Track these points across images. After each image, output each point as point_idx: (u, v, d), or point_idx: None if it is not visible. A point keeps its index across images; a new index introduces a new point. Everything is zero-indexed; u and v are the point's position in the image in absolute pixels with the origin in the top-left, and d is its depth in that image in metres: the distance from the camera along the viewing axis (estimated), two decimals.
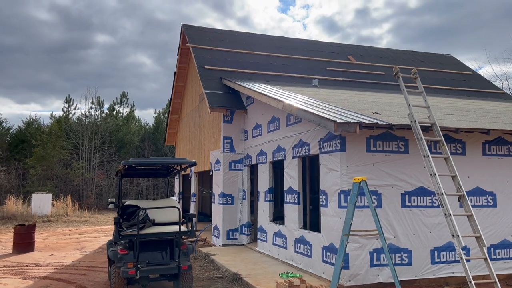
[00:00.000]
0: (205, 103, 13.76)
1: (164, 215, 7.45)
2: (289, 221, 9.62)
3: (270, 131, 10.96)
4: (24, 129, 37.44)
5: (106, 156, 34.45)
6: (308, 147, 8.78)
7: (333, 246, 7.68)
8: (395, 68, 7.57)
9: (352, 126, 6.87)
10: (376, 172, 7.58)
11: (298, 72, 15.82)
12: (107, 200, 30.65)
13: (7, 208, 22.54)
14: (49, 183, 30.92)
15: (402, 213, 7.71)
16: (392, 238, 7.54)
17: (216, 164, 13.53)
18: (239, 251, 11.46)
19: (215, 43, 16.32)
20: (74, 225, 20.48)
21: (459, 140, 8.21)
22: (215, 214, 13.41)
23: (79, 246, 13.68)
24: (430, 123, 7.19)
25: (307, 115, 7.90)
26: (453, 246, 7.88)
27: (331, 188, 7.71)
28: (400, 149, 7.81)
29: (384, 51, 20.34)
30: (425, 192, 7.87)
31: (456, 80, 18.62)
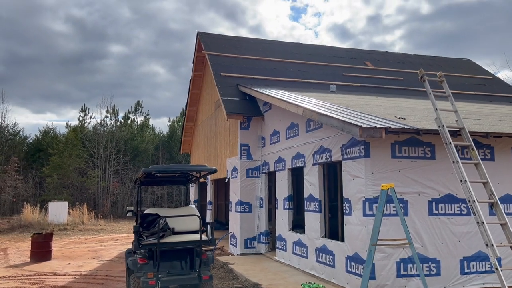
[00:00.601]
0: (221, 110, 13.65)
1: (184, 224, 7.30)
2: (309, 230, 9.37)
3: (289, 137, 10.77)
4: (41, 138, 37.89)
5: (121, 164, 34.60)
6: (329, 154, 8.56)
7: (357, 255, 7.42)
8: (421, 71, 7.33)
9: (378, 131, 6.64)
10: (402, 178, 7.32)
11: (315, 78, 15.64)
12: (123, 209, 30.89)
13: (24, 216, 22.68)
14: (65, 191, 31.13)
15: (429, 221, 7.42)
16: (420, 247, 7.25)
17: (232, 171, 13.36)
18: (257, 260, 11.24)
19: (230, 50, 16.25)
20: (90, 234, 20.48)
21: (488, 145, 7.91)
22: (233, 222, 13.22)
23: (96, 255, 13.61)
24: (459, 127, 6.93)
25: (329, 121, 7.69)
26: (483, 256, 7.57)
27: (355, 196, 7.47)
28: (426, 155, 7.54)
29: (401, 56, 20.05)
30: (453, 199, 7.58)
31: (477, 84, 18.22)
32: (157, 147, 39.20)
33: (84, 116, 39.25)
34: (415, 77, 17.50)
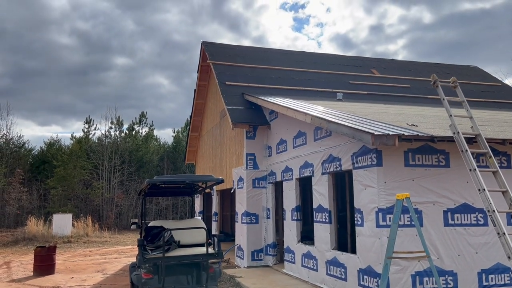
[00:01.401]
0: (227, 119, 13.46)
1: (190, 236, 7.06)
2: (319, 242, 9.08)
3: (296, 146, 10.53)
4: (46, 150, 37.85)
5: (125, 175, 34.43)
6: (339, 162, 8.31)
7: (370, 268, 7.13)
8: (433, 77, 7.10)
9: (391, 138, 6.40)
10: (416, 188, 7.04)
11: (320, 86, 15.45)
12: (127, 220, 30.62)
13: (29, 229, 22.46)
14: (70, 203, 30.95)
15: (445, 232, 7.12)
16: (436, 259, 6.94)
17: (238, 181, 13.12)
18: (265, 273, 10.93)
19: (235, 59, 16.12)
20: (94, 246, 20.22)
21: (504, 152, 7.64)
22: (239, 234, 12.94)
23: (100, 268, 13.34)
24: (474, 134, 6.67)
25: (339, 128, 7.46)
26: (502, 268, 7.25)
27: (368, 206, 7.20)
28: (440, 163, 7.27)
29: (407, 64, 19.85)
30: (469, 209, 7.29)
31: (485, 91, 17.95)
32: (161, 158, 39.03)
33: (89, 127, 39.23)
34: (422, 85, 17.34)
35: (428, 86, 16.82)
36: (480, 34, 68.79)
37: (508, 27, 62.86)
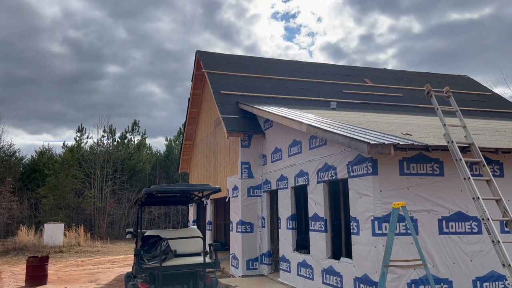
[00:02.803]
0: (221, 128, 13.50)
1: (186, 246, 7.05)
2: (315, 250, 9.10)
3: (291, 155, 10.58)
4: (37, 159, 37.49)
5: (118, 184, 34.19)
6: (334, 171, 8.37)
7: (367, 277, 7.16)
8: (427, 86, 7.20)
9: (386, 147, 6.47)
10: (411, 196, 7.12)
11: (314, 95, 15.57)
12: (120, 229, 30.33)
13: (19, 239, 22.16)
14: (61, 212, 30.61)
15: (440, 240, 7.19)
16: (431, 267, 6.99)
17: (233, 190, 13.12)
18: (260, 282, 10.90)
19: (229, 68, 16.20)
20: (86, 256, 20.00)
21: (496, 161, 7.76)
22: (234, 242, 12.91)
23: (93, 278, 13.19)
24: (468, 143, 6.76)
25: (335, 137, 7.53)
26: (496, 276, 7.32)
27: (363, 215, 7.25)
28: (435, 172, 7.36)
29: (399, 73, 20.09)
30: (463, 217, 7.37)
31: (476, 100, 18.21)
32: (154, 167, 38.84)
33: (81, 136, 39.00)
34: (414, 94, 17.55)
35: (420, 95, 17.07)
36: (468, 44, 69.88)
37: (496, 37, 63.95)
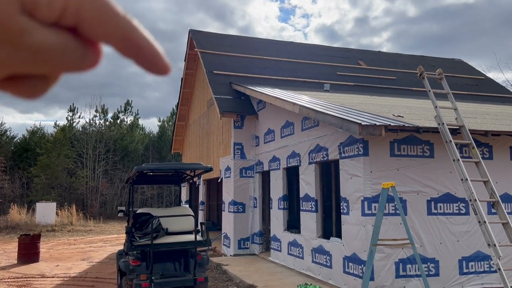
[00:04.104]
0: (214, 108, 13.45)
1: (178, 224, 7.09)
2: (305, 230, 9.22)
3: (284, 136, 10.60)
4: (28, 138, 37.20)
5: (110, 164, 34.12)
6: (326, 152, 8.42)
7: (355, 256, 7.28)
8: (420, 68, 7.21)
9: (378, 128, 6.51)
10: (401, 177, 7.20)
11: (308, 76, 15.51)
12: (112, 209, 30.41)
13: (11, 217, 22.18)
14: (53, 192, 30.58)
15: (428, 221, 7.31)
16: (419, 247, 7.12)
17: (226, 171, 13.16)
18: (251, 261, 11.05)
19: (223, 48, 16.04)
20: (79, 235, 20.09)
21: (486, 144, 7.83)
22: (226, 222, 13.02)
23: (85, 256, 13.29)
24: (459, 125, 6.82)
25: (327, 118, 7.54)
26: (482, 256, 7.48)
27: (353, 195, 7.33)
28: (425, 153, 7.43)
29: (393, 56, 20.04)
30: (451, 198, 7.48)
31: (469, 84, 18.27)
32: (147, 147, 38.76)
33: (73, 115, 38.64)
34: (407, 77, 17.55)
35: (413, 78, 17.07)
36: (463, 28, 69.79)
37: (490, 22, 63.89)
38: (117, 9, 0.32)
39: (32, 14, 0.29)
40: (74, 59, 0.31)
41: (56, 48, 0.30)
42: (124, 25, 0.32)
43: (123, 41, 0.32)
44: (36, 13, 0.29)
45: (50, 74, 0.32)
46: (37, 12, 0.29)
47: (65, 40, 0.30)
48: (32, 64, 0.30)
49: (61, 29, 0.30)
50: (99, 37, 0.32)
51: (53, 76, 0.33)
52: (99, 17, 0.31)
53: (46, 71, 0.32)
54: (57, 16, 0.30)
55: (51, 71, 0.32)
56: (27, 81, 0.32)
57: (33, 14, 0.29)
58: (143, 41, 0.33)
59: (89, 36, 0.32)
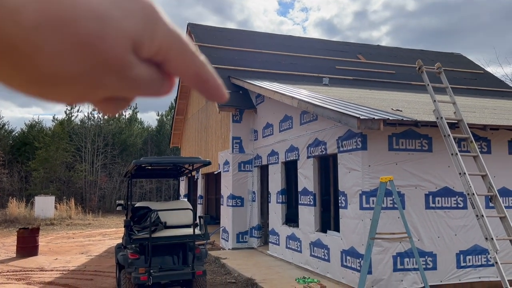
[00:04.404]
0: (213, 103, 13.40)
1: (176, 217, 7.09)
2: (303, 224, 9.24)
3: (282, 130, 10.60)
4: (27, 132, 37.15)
5: (109, 158, 34.12)
6: (324, 146, 8.42)
7: (353, 249, 7.30)
8: (418, 62, 7.19)
9: (376, 122, 6.50)
10: (399, 171, 7.20)
11: (307, 70, 15.48)
12: (111, 203, 30.44)
13: (10, 211, 22.19)
14: (52, 185, 30.59)
15: (426, 214, 7.33)
16: (416, 241, 7.14)
17: (224, 165, 13.16)
18: (250, 255, 11.08)
19: (222, 42, 15.98)
20: (77, 228, 20.12)
21: (484, 138, 7.84)
22: (224, 216, 13.04)
23: (84, 250, 13.32)
24: (457, 119, 6.81)
25: (325, 112, 7.53)
26: (479, 250, 7.51)
27: (352, 189, 7.33)
28: (423, 148, 7.43)
29: (393, 50, 20.00)
30: (449, 192, 7.49)
31: (468, 79, 18.25)
32: (145, 141, 38.76)
33: (71, 109, 38.52)
34: (406, 71, 17.52)
35: (412, 72, 17.04)
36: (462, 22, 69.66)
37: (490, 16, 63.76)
38: (193, 49, 0.38)
39: (137, 53, 0.35)
40: (155, 87, 0.38)
41: (146, 79, 0.37)
42: (197, 64, 0.39)
43: (195, 77, 0.39)
44: (139, 52, 0.35)
45: (131, 96, 0.39)
46: (140, 51, 0.35)
47: (153, 73, 0.37)
48: (125, 90, 0.37)
49: (151, 64, 0.37)
50: (177, 72, 0.39)
51: (133, 98, 0.40)
52: (181, 57, 0.38)
53: (131, 96, 0.39)
54: (152, 55, 0.36)
55: (135, 95, 0.39)
56: (114, 101, 0.39)
57: (137, 53, 0.35)
58: (210, 77, 0.40)
59: (169, 71, 0.38)
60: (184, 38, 0.38)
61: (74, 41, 0.32)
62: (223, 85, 0.41)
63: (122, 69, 0.35)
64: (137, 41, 0.35)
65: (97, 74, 0.34)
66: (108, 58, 0.34)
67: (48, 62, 0.32)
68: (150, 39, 0.36)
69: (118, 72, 0.35)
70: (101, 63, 0.34)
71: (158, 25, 0.36)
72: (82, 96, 0.36)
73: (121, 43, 0.34)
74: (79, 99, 0.36)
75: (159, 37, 0.36)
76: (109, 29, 0.33)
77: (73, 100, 0.36)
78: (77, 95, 0.35)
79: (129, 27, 0.34)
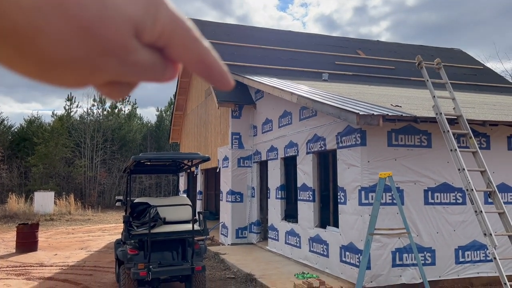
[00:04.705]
0: (212, 98, 13.40)
1: (175, 213, 7.10)
2: (303, 219, 9.25)
3: (282, 126, 10.59)
4: (26, 127, 37.09)
5: (108, 154, 34.11)
6: (323, 142, 8.41)
7: (352, 245, 7.32)
8: (418, 58, 7.17)
9: (375, 118, 6.49)
10: (399, 167, 7.20)
11: (306, 66, 15.44)
12: (110, 199, 30.46)
13: (9, 206, 22.21)
14: (51, 181, 30.60)
15: (425, 210, 7.34)
16: (415, 236, 7.16)
17: (224, 160, 13.16)
18: (249, 250, 11.11)
19: (221, 37, 15.92)
20: (77, 224, 20.15)
21: (484, 134, 7.84)
22: (223, 212, 13.06)
23: (83, 245, 13.34)
24: (456, 115, 6.80)
25: (325, 108, 7.52)
26: (478, 245, 7.53)
27: (351, 185, 7.34)
28: (422, 143, 7.43)
29: (393, 45, 19.95)
30: (448, 188, 7.50)
31: (467, 74, 18.22)
32: (144, 137, 38.74)
33: (70, 105, 38.48)
34: (406, 66, 17.48)
35: (412, 68, 17.00)
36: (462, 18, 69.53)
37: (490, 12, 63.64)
38: (197, 35, 0.38)
39: (139, 37, 0.35)
40: (157, 73, 0.38)
41: (148, 64, 0.37)
42: (201, 50, 0.38)
43: (199, 64, 0.39)
44: (141, 36, 0.35)
45: (135, 82, 0.40)
46: (142, 36, 0.35)
47: (155, 58, 0.37)
48: (128, 74, 0.37)
49: (154, 49, 0.37)
50: (180, 58, 0.38)
51: (136, 83, 0.40)
52: (184, 42, 0.37)
53: (134, 80, 0.39)
54: (155, 40, 0.36)
55: (137, 80, 0.39)
56: (118, 86, 0.39)
57: (140, 37, 0.35)
58: (214, 63, 0.39)
59: (172, 56, 0.38)
60: (187, 23, 0.38)
61: (76, 24, 0.32)
62: (228, 72, 0.41)
63: (124, 53, 0.35)
64: (139, 25, 0.35)
65: (98, 58, 0.34)
66: (109, 42, 0.34)
67: (49, 44, 0.32)
68: (152, 23, 0.35)
69: (120, 56, 0.35)
70: (102, 47, 0.34)
71: (160, 9, 0.36)
72: (84, 80, 0.36)
73: (122, 27, 0.34)
74: (81, 83, 0.36)
75: (161, 21, 0.36)
76: (110, 13, 0.33)
77: (75, 84, 0.36)
78: (78, 79, 0.35)
79: (131, 11, 0.34)
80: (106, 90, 0.39)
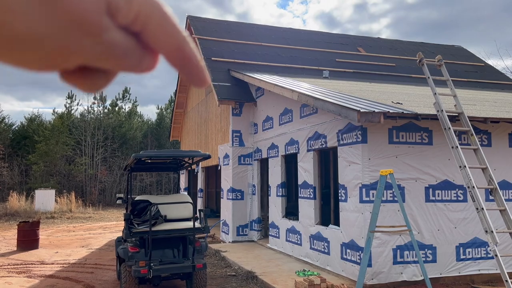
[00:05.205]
0: (212, 96, 13.37)
1: (176, 211, 7.10)
2: (303, 217, 9.25)
3: (282, 123, 10.57)
4: (27, 126, 37.09)
5: (109, 152, 34.12)
6: (324, 140, 8.40)
7: (353, 242, 7.31)
8: (419, 55, 7.15)
9: (376, 115, 6.47)
10: (400, 164, 7.19)
11: (307, 63, 15.41)
12: (111, 196, 30.47)
13: (10, 204, 22.23)
14: (52, 179, 30.61)
15: (426, 207, 7.33)
16: (416, 234, 7.16)
17: (224, 158, 13.15)
18: (250, 248, 11.11)
19: (221, 34, 15.89)
20: (78, 222, 20.17)
21: (485, 131, 7.82)
22: (224, 209, 13.06)
23: (84, 243, 13.35)
24: (457, 112, 6.78)
25: (325, 105, 7.50)
26: (479, 243, 7.52)
27: (352, 182, 7.33)
28: (424, 141, 7.42)
29: (393, 43, 19.89)
30: (449, 185, 7.49)
31: (468, 71, 18.18)
32: (145, 135, 38.73)
33: (71, 103, 38.45)
34: (407, 64, 17.45)
35: (413, 65, 16.98)
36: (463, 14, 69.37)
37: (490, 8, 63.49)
38: (175, 22, 0.36)
39: (113, 16, 0.33)
40: (133, 60, 0.36)
41: (122, 47, 0.35)
42: (179, 37, 0.36)
43: (176, 52, 0.37)
44: (115, 16, 0.34)
45: (110, 71, 0.37)
46: (116, 15, 0.34)
47: (130, 42, 0.35)
48: (100, 57, 0.34)
49: (129, 33, 0.35)
50: (157, 45, 0.36)
51: (112, 73, 0.38)
52: (161, 26, 0.35)
53: (108, 67, 0.36)
54: (130, 21, 0.34)
55: (112, 67, 0.36)
56: (90, 75, 0.36)
57: (113, 16, 0.33)
58: (191, 55, 0.37)
59: (149, 42, 0.36)
60: (165, 8, 0.36)
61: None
62: (205, 68, 0.39)
63: (95, 31, 0.32)
64: (112, 2, 0.33)
65: (67, 36, 0.32)
66: (79, 18, 0.32)
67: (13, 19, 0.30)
68: (128, 2, 0.34)
69: (91, 34, 0.32)
70: (71, 23, 0.31)
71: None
72: (51, 62, 0.33)
73: (94, 2, 0.32)
74: (48, 66, 0.33)
75: (137, 2, 0.34)
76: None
77: (42, 66, 0.33)
78: (45, 60, 0.33)
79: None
80: (79, 81, 0.36)
